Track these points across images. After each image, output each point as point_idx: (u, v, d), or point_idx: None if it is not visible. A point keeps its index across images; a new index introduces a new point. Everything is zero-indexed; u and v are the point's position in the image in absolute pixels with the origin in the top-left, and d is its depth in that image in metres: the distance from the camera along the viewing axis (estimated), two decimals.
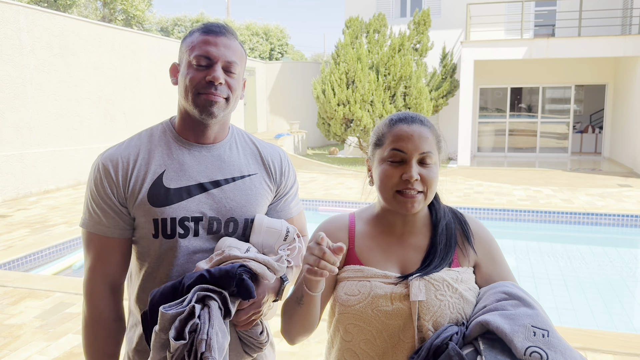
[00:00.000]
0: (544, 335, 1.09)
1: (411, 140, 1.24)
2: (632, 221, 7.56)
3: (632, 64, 12.73)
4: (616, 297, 5.30)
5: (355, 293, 1.24)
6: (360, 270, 1.27)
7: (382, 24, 13.92)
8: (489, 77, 15.29)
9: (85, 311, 1.40)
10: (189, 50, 1.35)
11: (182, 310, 1.12)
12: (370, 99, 12.90)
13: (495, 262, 1.35)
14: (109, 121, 11.34)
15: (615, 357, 3.20)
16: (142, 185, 1.35)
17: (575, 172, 12.22)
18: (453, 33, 15.32)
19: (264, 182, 1.48)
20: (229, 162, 1.44)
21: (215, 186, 1.39)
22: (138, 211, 1.35)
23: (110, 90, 11.34)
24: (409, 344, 1.21)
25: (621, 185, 10.24)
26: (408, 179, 1.22)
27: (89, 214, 1.37)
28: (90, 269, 1.38)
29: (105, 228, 1.36)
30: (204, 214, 1.37)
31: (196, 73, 1.33)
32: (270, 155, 1.52)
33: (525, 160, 14.92)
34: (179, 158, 1.39)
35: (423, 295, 1.21)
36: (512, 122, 16.01)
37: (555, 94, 15.90)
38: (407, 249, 1.31)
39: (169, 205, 1.35)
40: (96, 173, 1.36)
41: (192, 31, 1.40)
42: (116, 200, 1.35)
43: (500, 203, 8.44)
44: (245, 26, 28.07)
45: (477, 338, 1.15)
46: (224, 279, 1.20)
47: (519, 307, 1.16)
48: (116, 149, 1.39)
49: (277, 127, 19.34)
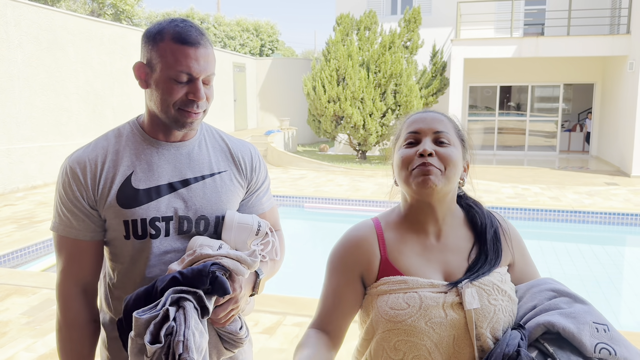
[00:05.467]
0: (605, 330, 1.09)
1: (424, 121, 1.24)
2: (618, 219, 7.64)
3: (620, 64, 12.84)
4: (603, 294, 5.36)
5: (403, 307, 1.14)
6: (403, 282, 1.17)
7: (372, 21, 13.92)
8: (478, 75, 15.35)
9: (58, 315, 1.39)
10: (164, 59, 1.28)
11: (156, 314, 1.11)
12: (360, 96, 12.90)
13: (527, 259, 1.34)
14: (97, 116, 11.24)
15: None
16: (111, 187, 1.34)
17: (563, 171, 12.32)
18: (443, 31, 15.36)
19: (234, 179, 1.47)
20: (198, 160, 1.42)
21: (184, 185, 1.39)
22: (108, 213, 1.34)
23: (98, 85, 11.25)
24: (466, 356, 1.14)
25: (608, 184, 10.34)
26: (422, 153, 1.17)
27: (59, 217, 1.36)
28: (62, 272, 1.37)
29: (76, 231, 1.35)
30: (174, 214, 1.36)
31: (176, 88, 1.29)
32: (240, 152, 1.51)
33: (514, 158, 15.01)
34: (147, 158, 1.37)
35: (477, 302, 1.14)
36: (501, 120, 16.10)
37: (544, 92, 16.00)
38: (447, 252, 1.23)
39: (139, 206, 1.34)
40: (64, 177, 1.34)
41: (162, 31, 1.30)
42: (86, 204, 1.34)
43: (489, 201, 8.48)
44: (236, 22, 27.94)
45: (537, 340, 1.12)
46: (196, 278, 1.19)
47: (573, 303, 1.16)
48: (83, 151, 1.36)
49: (268, 123, 19.30)
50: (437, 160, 1.18)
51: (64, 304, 1.37)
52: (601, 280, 5.70)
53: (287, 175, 11.56)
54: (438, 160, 1.18)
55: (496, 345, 1.10)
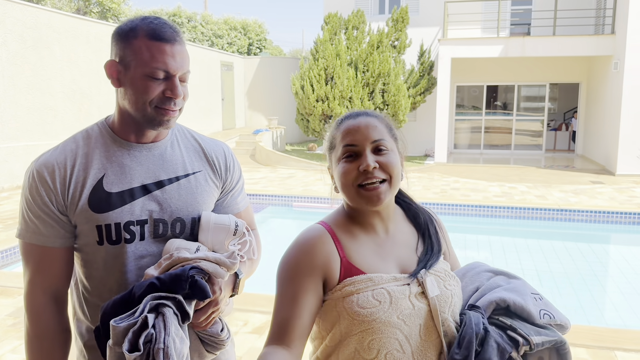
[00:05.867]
0: (540, 298, 1.25)
1: (359, 131, 1.21)
2: (604, 217, 7.73)
3: (604, 64, 12.99)
4: (588, 291, 5.42)
5: (374, 304, 1.15)
6: (369, 280, 1.18)
7: (360, 20, 13.95)
8: (465, 74, 15.44)
9: (27, 325, 1.33)
10: (139, 56, 1.25)
11: (134, 322, 1.09)
12: (349, 95, 12.92)
13: (452, 249, 1.44)
14: (84, 115, 11.14)
15: (588, 351, 3.27)
16: (82, 191, 1.28)
17: (549, 169, 12.44)
18: (431, 31, 15.43)
19: (209, 179, 1.44)
20: (171, 161, 1.39)
21: (158, 187, 1.35)
22: (79, 218, 1.29)
23: (84, 84, 11.14)
24: (433, 343, 1.18)
25: (594, 182, 10.46)
26: (366, 169, 1.17)
27: (26, 223, 1.30)
28: (30, 282, 1.32)
29: (45, 238, 1.29)
30: (149, 217, 1.33)
31: (153, 86, 1.26)
32: (214, 151, 1.48)
33: (501, 157, 15.13)
34: (118, 160, 1.32)
35: (437, 289, 1.20)
36: (488, 119, 16.21)
37: (530, 92, 16.14)
38: (397, 246, 1.27)
39: (112, 210, 1.29)
40: (31, 181, 1.28)
41: (135, 28, 1.27)
42: (55, 209, 1.28)
43: (477, 199, 8.55)
44: (223, 20, 27.83)
45: (490, 316, 1.22)
46: (175, 283, 1.16)
47: (510, 280, 1.29)
48: (50, 154, 1.31)
49: (256, 122, 19.25)
50: (380, 172, 1.19)
51: (34, 315, 1.32)
52: (587, 277, 5.76)
53: (276, 175, 11.55)
54: (381, 170, 1.20)
55: (464, 328, 1.16)
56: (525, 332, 1.15)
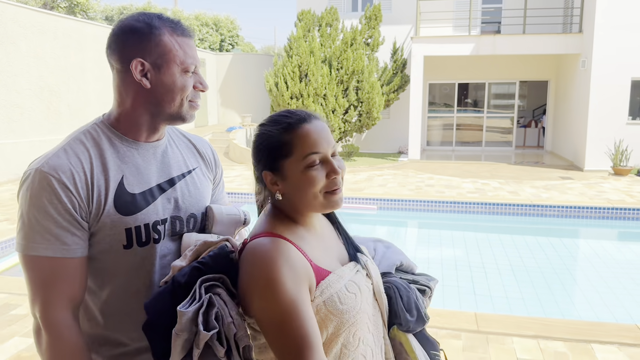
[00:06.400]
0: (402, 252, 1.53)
1: (322, 137, 1.19)
2: (575, 212, 7.92)
3: (573, 62, 13.28)
4: (562, 285, 5.54)
5: (352, 298, 1.18)
6: (339, 276, 1.20)
7: (334, 17, 13.94)
8: (437, 72, 15.60)
9: (53, 349, 1.18)
10: (172, 52, 1.26)
11: (199, 304, 1.11)
12: (323, 92, 12.91)
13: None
14: (52, 113, 10.86)
15: (566, 344, 3.34)
16: (107, 195, 1.24)
17: (519, 165, 12.67)
18: (403, 28, 15.53)
19: (205, 174, 1.49)
20: (174, 159, 1.41)
21: (171, 185, 1.37)
22: (104, 224, 1.24)
23: (52, 81, 10.86)
24: (379, 319, 1.29)
25: (563, 178, 10.70)
26: (335, 176, 1.19)
27: (38, 235, 1.17)
28: (46, 301, 1.18)
29: (66, 248, 1.19)
30: (169, 215, 1.35)
31: (190, 81, 1.30)
32: (203, 147, 1.53)
33: (472, 154, 15.34)
34: (131, 160, 1.31)
35: (376, 267, 1.35)
36: (460, 116, 16.42)
37: (500, 89, 16.41)
38: (328, 238, 1.32)
39: (140, 211, 1.28)
40: (47, 188, 1.17)
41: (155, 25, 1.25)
42: (78, 216, 1.21)
43: (451, 196, 8.65)
44: (195, 16, 27.48)
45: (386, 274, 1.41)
46: (218, 261, 1.19)
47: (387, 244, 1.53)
48: (58, 157, 1.21)
49: (229, 120, 19.07)
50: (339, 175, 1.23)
51: (60, 339, 1.18)
52: (560, 271, 5.89)
53: (251, 173, 11.42)
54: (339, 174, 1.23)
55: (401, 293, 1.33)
56: (424, 282, 1.40)
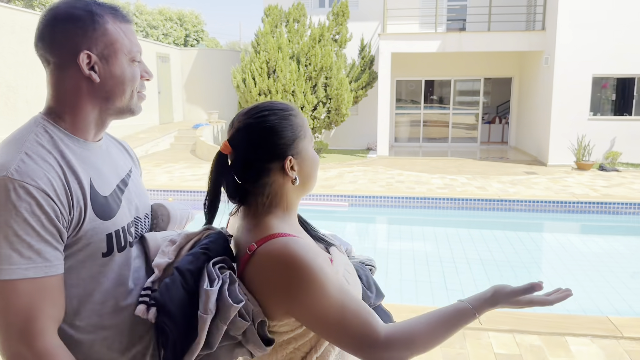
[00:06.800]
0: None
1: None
2: (541, 206, 8.10)
3: (535, 58, 13.57)
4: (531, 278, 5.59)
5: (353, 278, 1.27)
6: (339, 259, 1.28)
7: (301, 13, 13.86)
8: (404, 69, 15.71)
9: None
10: (119, 42, 1.15)
11: (222, 282, 1.12)
12: (291, 89, 12.83)
13: None
14: (10, 110, 10.46)
15: (540, 337, 3.39)
16: (85, 200, 1.11)
17: (485, 161, 12.89)
18: (371, 25, 15.57)
19: (137, 173, 1.41)
20: (116, 158, 1.31)
21: (125, 185, 1.27)
22: (85, 231, 1.11)
23: (10, 77, 10.46)
24: None
25: (528, 173, 10.93)
26: None
27: (19, 255, 1.00)
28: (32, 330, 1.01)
29: (49, 265, 1.04)
30: (133, 216, 1.26)
31: (135, 70, 1.20)
32: (127, 146, 1.44)
33: (439, 150, 15.53)
34: (90, 162, 1.18)
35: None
36: (426, 113, 16.59)
37: (465, 86, 16.65)
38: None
39: (115, 214, 1.17)
40: (25, 198, 1.01)
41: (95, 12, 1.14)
42: (61, 226, 1.07)
43: (421, 192, 8.72)
44: (158, 11, 26.95)
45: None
46: (219, 244, 1.18)
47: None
48: (25, 163, 1.05)
49: (195, 116, 18.77)
50: None
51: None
52: (529, 265, 6.01)
53: None
54: None
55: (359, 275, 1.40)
56: (369, 263, 1.50)
